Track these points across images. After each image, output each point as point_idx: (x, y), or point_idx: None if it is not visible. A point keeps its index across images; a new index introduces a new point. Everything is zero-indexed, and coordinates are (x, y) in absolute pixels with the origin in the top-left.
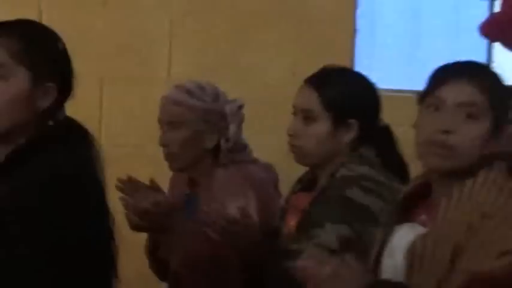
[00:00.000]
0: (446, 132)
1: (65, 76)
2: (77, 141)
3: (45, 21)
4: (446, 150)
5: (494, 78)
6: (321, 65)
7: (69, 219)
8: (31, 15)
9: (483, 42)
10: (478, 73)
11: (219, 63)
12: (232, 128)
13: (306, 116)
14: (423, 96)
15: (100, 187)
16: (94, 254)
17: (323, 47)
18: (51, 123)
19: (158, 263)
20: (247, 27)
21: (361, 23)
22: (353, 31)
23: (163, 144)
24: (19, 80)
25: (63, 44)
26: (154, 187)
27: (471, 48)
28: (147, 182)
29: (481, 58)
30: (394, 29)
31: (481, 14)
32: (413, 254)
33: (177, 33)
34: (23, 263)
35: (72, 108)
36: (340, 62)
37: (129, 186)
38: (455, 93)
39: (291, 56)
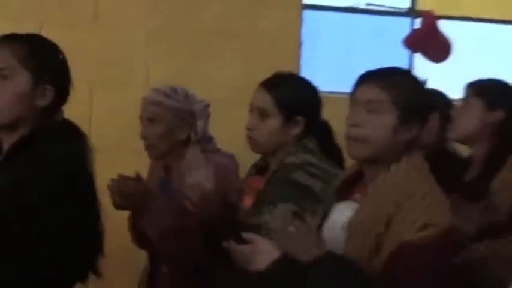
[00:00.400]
0: (355, 125)
1: (62, 82)
2: (71, 137)
3: (45, 35)
4: (359, 141)
5: (403, 80)
6: (272, 72)
7: (63, 201)
8: (33, 30)
9: (406, 53)
10: (385, 76)
11: (187, 70)
12: (200, 124)
13: (260, 113)
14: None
15: (90, 176)
16: (82, 234)
17: (274, 56)
18: (50, 122)
19: (139, 235)
20: (210, 41)
21: (305, 36)
22: (299, 43)
23: (144, 137)
24: (22, 80)
25: (63, 55)
26: (137, 177)
27: (395, 58)
28: (130, 172)
29: (404, 67)
30: (332, 41)
31: (404, 30)
32: (350, 227)
33: (153, 46)
34: (20, 239)
35: (68, 108)
36: (288, 68)
37: (117, 180)
38: (363, 92)
39: (246, 64)
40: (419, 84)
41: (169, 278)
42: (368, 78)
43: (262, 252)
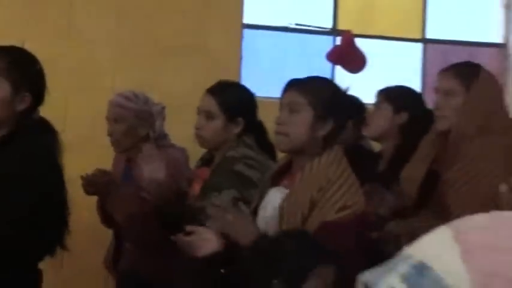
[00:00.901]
0: (280, 124)
1: (39, 89)
2: (44, 133)
3: (27, 48)
4: (282, 136)
5: (319, 85)
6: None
7: (35, 181)
8: (17, 44)
9: (329, 65)
10: (304, 82)
11: (148, 80)
12: (157, 123)
13: (206, 115)
14: None
15: (57, 164)
16: (51, 214)
17: (219, 68)
18: (28, 121)
19: (105, 216)
20: (167, 54)
21: (245, 51)
22: (240, 57)
23: (110, 134)
24: (3, 89)
25: (40, 66)
26: (102, 170)
27: (320, 70)
28: (99, 162)
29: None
30: (267, 56)
31: (327, 47)
32: (281, 209)
33: (118, 58)
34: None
35: (47, 110)
36: (231, 78)
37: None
38: (286, 96)
39: (196, 75)
40: (334, 88)
41: (131, 253)
42: (291, 84)
43: (205, 241)
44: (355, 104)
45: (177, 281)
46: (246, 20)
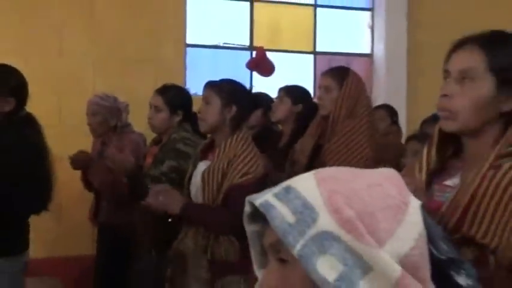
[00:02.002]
0: (199, 113)
1: (20, 94)
2: (30, 125)
3: (28, 64)
4: (201, 121)
5: (229, 85)
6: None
7: (26, 159)
8: (19, 62)
9: (248, 72)
10: (215, 82)
11: (117, 84)
12: (123, 116)
13: (155, 109)
14: None
15: (35, 144)
16: (39, 183)
17: (169, 77)
18: (14, 117)
19: (87, 183)
20: (131, 65)
21: (189, 63)
22: (184, 67)
23: (89, 124)
24: None
25: (20, 75)
26: (83, 151)
27: (243, 76)
28: (83, 144)
29: (247, 81)
30: (204, 67)
31: (246, 59)
32: (203, 177)
33: (97, 69)
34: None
35: (46, 108)
36: (177, 83)
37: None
38: (204, 93)
39: (153, 81)
40: (235, 85)
41: (107, 208)
42: (207, 85)
43: (172, 200)
44: (263, 97)
45: (139, 228)
46: (189, 40)
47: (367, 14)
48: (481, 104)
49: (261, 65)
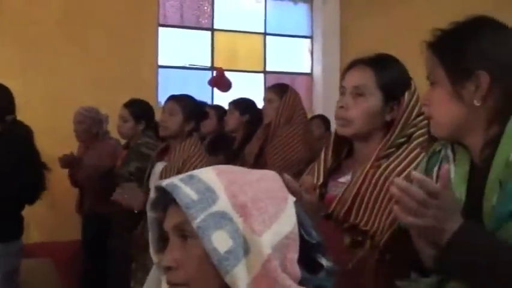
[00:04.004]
0: (161, 121)
1: (5, 104)
2: (18, 129)
3: (26, 83)
4: (162, 128)
5: (184, 99)
6: (142, 104)
7: (17, 159)
8: (18, 83)
9: (209, 88)
10: (177, 97)
11: (101, 99)
12: (104, 125)
13: (123, 120)
14: None
15: (33, 147)
16: (30, 178)
17: (144, 95)
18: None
19: (73, 180)
20: (112, 84)
21: (161, 83)
22: (156, 86)
23: (75, 131)
24: None
25: (6, 91)
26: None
27: (205, 93)
28: (70, 147)
29: (208, 96)
30: (174, 83)
31: (208, 77)
32: (161, 175)
33: (86, 87)
34: None
35: (39, 119)
36: (151, 100)
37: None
38: (166, 105)
39: (129, 96)
40: (192, 100)
41: (90, 198)
42: (169, 98)
43: (135, 196)
44: (218, 108)
45: (115, 217)
46: (160, 62)
47: (308, 40)
48: (371, 114)
49: (220, 82)
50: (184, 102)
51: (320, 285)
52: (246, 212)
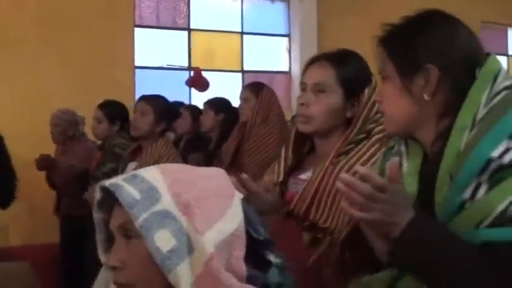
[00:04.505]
0: (132, 121)
1: None
2: None
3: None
4: (133, 128)
5: (156, 99)
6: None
7: None
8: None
9: (187, 88)
10: (148, 97)
11: (79, 102)
12: (80, 127)
13: (97, 121)
14: None
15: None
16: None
17: (123, 97)
18: None
19: (50, 182)
20: (90, 86)
21: (138, 84)
22: (134, 87)
23: (51, 133)
24: None
25: None
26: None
27: (182, 93)
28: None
29: (185, 96)
30: (151, 83)
31: (185, 77)
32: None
33: (64, 89)
34: None
35: (16, 122)
36: (128, 100)
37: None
38: (138, 105)
39: (106, 98)
40: (164, 101)
41: (66, 200)
42: (140, 98)
43: None
44: (193, 108)
45: (90, 218)
46: (137, 63)
47: (285, 39)
48: (331, 111)
49: (198, 82)
50: (155, 103)
51: (280, 283)
52: (189, 210)
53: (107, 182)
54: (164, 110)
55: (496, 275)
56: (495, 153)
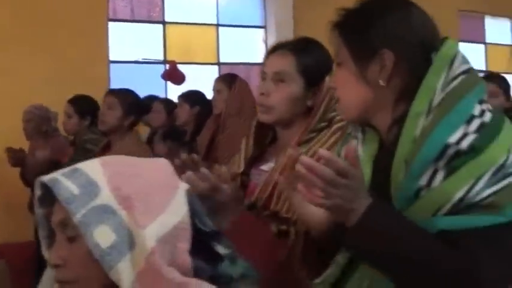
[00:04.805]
0: (100, 114)
1: None
2: None
3: None
4: (100, 122)
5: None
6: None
7: None
8: None
9: (163, 82)
10: (116, 90)
11: (54, 97)
12: (53, 123)
13: (68, 116)
14: None
15: None
16: None
17: (96, 89)
18: None
19: (24, 179)
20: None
21: (112, 77)
22: (108, 80)
23: (24, 129)
24: None
25: None
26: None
27: (157, 86)
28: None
29: (161, 90)
30: (127, 78)
31: (161, 70)
32: None
33: (41, 85)
34: None
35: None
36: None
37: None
38: (107, 97)
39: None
40: (132, 94)
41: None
42: (108, 92)
43: None
44: (169, 102)
45: None
46: (112, 57)
47: (261, 30)
48: (292, 100)
49: (174, 75)
50: (122, 96)
51: (244, 274)
52: (129, 204)
53: (45, 177)
54: (132, 103)
55: (453, 263)
56: (452, 139)
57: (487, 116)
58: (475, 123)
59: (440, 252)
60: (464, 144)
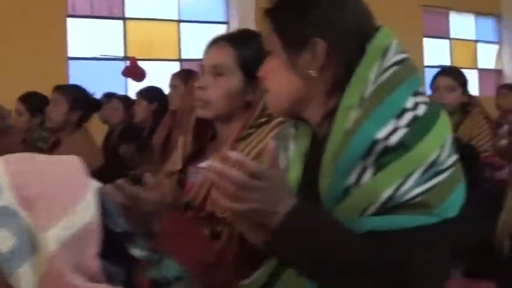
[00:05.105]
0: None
1: None
2: None
3: None
4: (48, 119)
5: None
6: None
7: None
8: None
9: (123, 79)
10: (68, 89)
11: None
12: (7, 121)
13: (18, 114)
14: None
15: None
16: None
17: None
18: None
19: None
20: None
21: (71, 73)
22: (67, 77)
23: None
24: None
25: None
26: None
27: (117, 81)
28: None
29: (121, 88)
30: (85, 74)
31: (121, 67)
32: None
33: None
34: None
35: None
36: None
37: None
38: (53, 93)
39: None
40: (81, 91)
41: None
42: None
43: None
44: (126, 99)
45: None
46: (70, 54)
47: (224, 26)
48: (231, 95)
49: (134, 72)
50: (68, 92)
51: (178, 276)
52: (31, 205)
53: None
54: (78, 98)
55: (380, 264)
56: (381, 134)
57: (421, 109)
58: (407, 117)
59: (367, 255)
60: (393, 139)
